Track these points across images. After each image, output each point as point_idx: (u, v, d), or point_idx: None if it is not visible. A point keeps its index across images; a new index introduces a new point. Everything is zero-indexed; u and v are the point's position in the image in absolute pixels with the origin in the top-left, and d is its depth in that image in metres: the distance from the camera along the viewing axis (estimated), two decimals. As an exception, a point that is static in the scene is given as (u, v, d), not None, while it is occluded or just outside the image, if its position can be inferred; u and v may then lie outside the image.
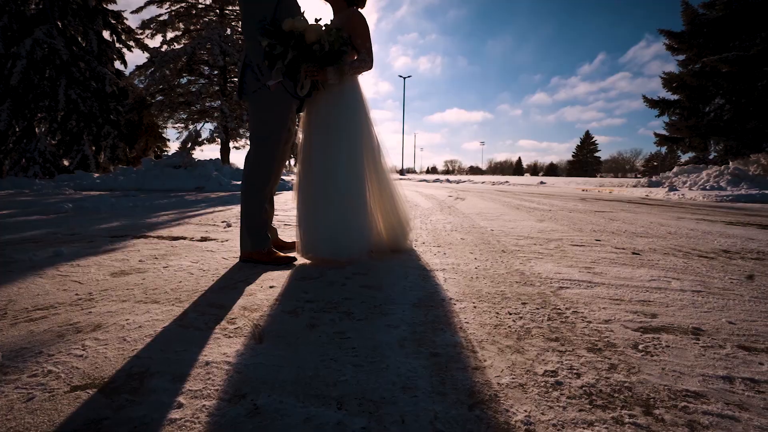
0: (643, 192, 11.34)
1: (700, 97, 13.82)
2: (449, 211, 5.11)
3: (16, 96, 11.83)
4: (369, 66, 2.19)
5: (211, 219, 4.01)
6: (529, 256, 2.36)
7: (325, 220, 2.11)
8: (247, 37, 1.98)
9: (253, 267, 2.04)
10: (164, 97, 12.55)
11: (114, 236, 2.91)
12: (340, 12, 2.27)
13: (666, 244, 2.88)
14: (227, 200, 6.61)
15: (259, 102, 2.07)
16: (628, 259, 2.30)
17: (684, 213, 5.36)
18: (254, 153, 2.11)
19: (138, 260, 2.14)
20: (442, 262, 2.16)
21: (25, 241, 2.69)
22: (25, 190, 8.20)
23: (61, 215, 4.15)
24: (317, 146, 2.15)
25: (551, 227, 3.64)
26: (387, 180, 2.35)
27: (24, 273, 1.86)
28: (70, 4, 13.29)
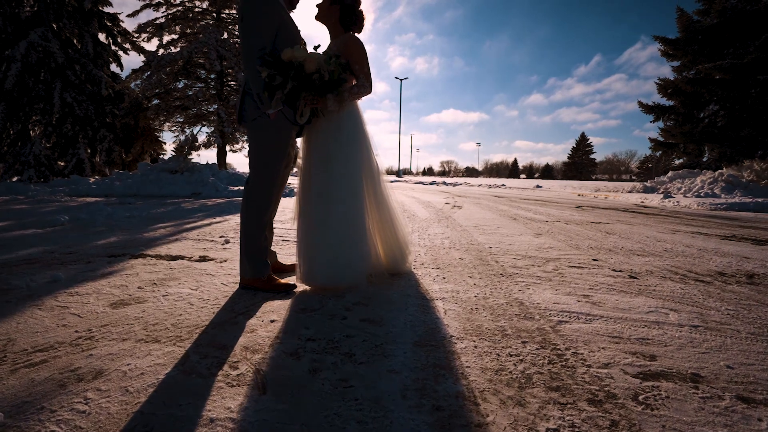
0: (639, 198, 11.42)
1: (695, 104, 13.95)
2: (447, 222, 5.12)
3: (10, 99, 11.73)
4: (368, 91, 2.20)
5: (209, 233, 3.99)
6: (527, 280, 2.37)
7: (326, 247, 2.11)
8: (247, 64, 1.98)
9: (253, 295, 2.04)
10: (160, 101, 12.49)
11: (112, 255, 2.89)
12: (336, 37, 2.27)
13: (662, 264, 2.91)
14: (224, 208, 6.60)
15: (259, 129, 2.07)
16: (626, 285, 2.31)
17: (679, 225, 5.41)
18: (254, 180, 2.11)
19: (137, 287, 2.13)
20: (442, 289, 2.17)
21: (21, 262, 2.67)
22: (20, 196, 8.13)
23: (57, 228, 4.12)
24: (317, 172, 2.15)
25: (549, 244, 3.66)
26: (387, 204, 2.36)
27: (22, 303, 1.85)
28: (65, 7, 13.19)
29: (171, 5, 12.80)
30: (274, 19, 1.97)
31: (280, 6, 2.03)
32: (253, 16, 1.94)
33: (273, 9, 1.97)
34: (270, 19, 1.96)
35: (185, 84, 12.60)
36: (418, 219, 5.39)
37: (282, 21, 2.01)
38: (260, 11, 1.95)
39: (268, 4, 1.97)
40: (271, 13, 1.96)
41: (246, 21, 1.95)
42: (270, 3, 1.97)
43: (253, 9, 1.95)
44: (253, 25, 1.94)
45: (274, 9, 1.98)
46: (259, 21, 1.94)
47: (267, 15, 1.95)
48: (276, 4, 2.00)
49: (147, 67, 12.44)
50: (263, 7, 1.95)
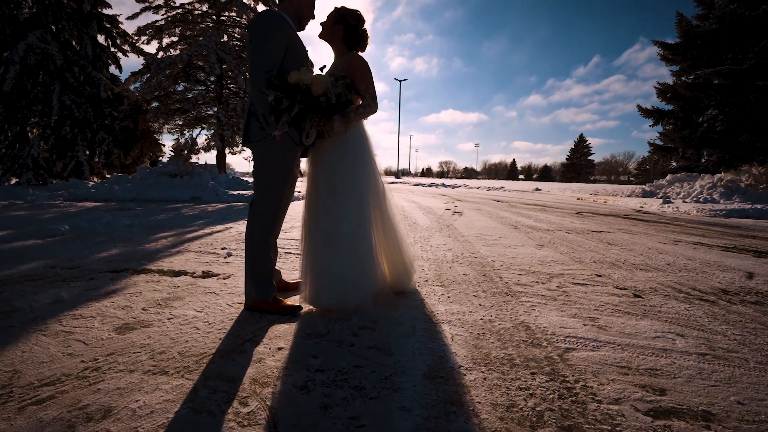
0: (638, 203, 11.45)
1: (694, 108, 14.00)
2: (448, 231, 5.12)
3: (8, 102, 11.67)
4: (374, 111, 2.20)
5: (211, 244, 3.98)
6: (532, 300, 2.37)
7: (332, 268, 2.10)
8: (253, 85, 1.97)
9: (258, 318, 2.03)
10: (160, 103, 12.46)
11: (114, 270, 2.88)
12: (341, 55, 2.27)
13: (666, 280, 2.91)
14: (225, 215, 6.58)
15: (264, 150, 2.06)
16: (631, 305, 2.32)
17: (680, 234, 5.42)
18: (259, 201, 2.10)
19: (141, 308, 2.12)
20: (447, 311, 2.17)
21: (23, 278, 2.65)
22: (19, 201, 8.09)
23: (57, 239, 4.10)
24: (323, 192, 2.15)
25: (551, 257, 3.66)
26: (392, 224, 2.35)
27: (26, 328, 1.84)
28: (64, 8, 13.14)
29: (171, 8, 12.76)
30: (282, 41, 1.97)
31: (289, 27, 2.02)
32: (262, 37, 1.94)
33: (282, 30, 1.97)
34: (279, 40, 1.95)
35: (185, 87, 12.57)
36: (420, 228, 5.39)
37: (290, 42, 2.00)
38: (269, 33, 1.94)
39: (278, 25, 1.96)
40: (280, 35, 1.96)
41: (255, 42, 1.95)
42: (279, 24, 1.97)
43: (262, 30, 1.95)
44: (262, 47, 1.94)
45: (283, 30, 1.97)
46: (268, 43, 1.93)
47: (276, 36, 1.95)
48: (285, 26, 2.00)
49: (146, 70, 12.40)
50: (273, 29, 1.95)
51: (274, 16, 1.99)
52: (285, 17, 2.03)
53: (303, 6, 2.11)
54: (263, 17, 1.99)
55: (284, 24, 1.99)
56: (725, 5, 13.31)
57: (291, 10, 2.09)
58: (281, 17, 2.01)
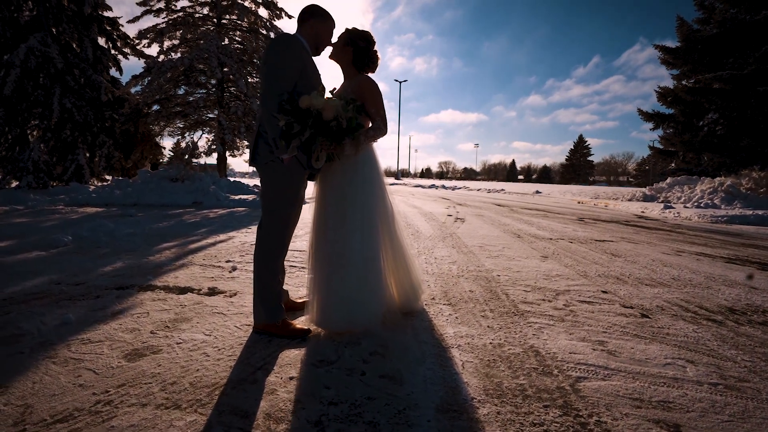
0: (639, 208, 11.46)
1: (695, 113, 14.02)
2: (452, 241, 5.12)
3: (9, 105, 11.64)
4: (384, 133, 2.19)
5: (215, 256, 3.97)
6: (540, 321, 2.37)
7: (340, 290, 2.10)
8: (264, 107, 1.96)
9: (267, 342, 2.02)
10: (160, 107, 12.44)
11: (120, 287, 2.87)
12: (350, 77, 2.26)
13: (672, 297, 2.91)
14: (227, 222, 6.57)
15: (272, 173, 2.06)
16: (639, 327, 2.32)
17: (683, 243, 5.42)
18: (267, 224, 2.10)
19: (149, 331, 2.12)
20: (456, 333, 2.17)
21: (29, 296, 2.64)
22: (19, 206, 8.07)
23: (61, 250, 4.09)
24: (332, 215, 2.14)
25: (556, 270, 3.66)
26: (401, 245, 2.35)
27: (35, 354, 1.83)
28: (64, 11, 13.10)
29: (172, 11, 12.74)
30: (297, 66, 1.97)
31: (305, 52, 2.03)
32: (277, 61, 1.94)
33: (298, 56, 1.98)
34: (293, 65, 1.96)
35: (186, 90, 12.55)
36: (423, 237, 5.38)
37: (304, 67, 2.01)
38: (285, 58, 1.94)
39: (294, 50, 1.97)
40: (295, 60, 1.96)
41: (269, 65, 1.95)
42: (295, 49, 1.97)
43: (277, 54, 1.95)
44: (276, 71, 1.94)
45: (298, 56, 1.98)
46: (283, 67, 1.93)
47: (291, 62, 1.95)
48: (301, 50, 2.00)
49: (147, 73, 12.38)
50: (288, 54, 1.95)
51: (290, 41, 1.99)
52: (302, 42, 2.04)
53: (321, 33, 2.12)
54: (280, 42, 2.00)
55: (300, 49, 2.00)
56: (726, 9, 13.34)
57: (309, 35, 2.10)
58: (298, 42, 2.01)
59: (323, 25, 2.12)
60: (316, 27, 2.10)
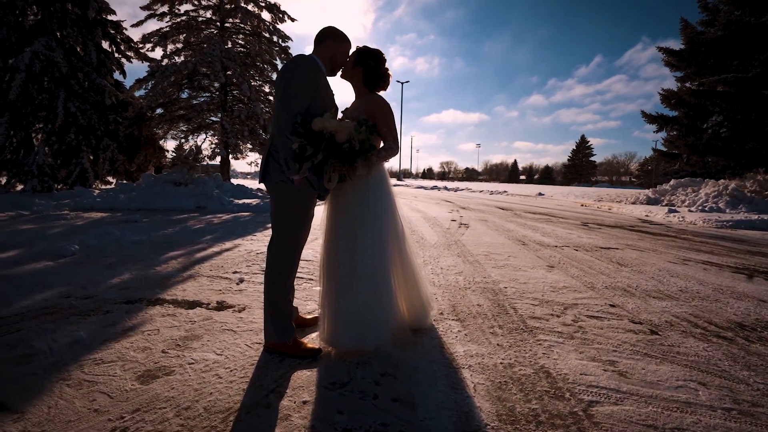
0: (643, 211, 11.43)
1: (699, 115, 13.96)
2: (457, 249, 5.12)
3: (14, 109, 11.69)
4: (395, 153, 2.20)
5: (222, 266, 3.98)
6: (549, 339, 2.37)
7: (351, 310, 2.11)
8: (277, 127, 1.97)
9: (279, 361, 2.03)
10: (164, 110, 12.48)
11: (128, 301, 2.88)
12: (361, 96, 2.27)
13: (681, 311, 2.91)
14: (232, 228, 6.58)
15: (283, 192, 2.06)
16: (649, 345, 2.31)
17: (689, 251, 5.40)
18: (278, 244, 2.10)
19: (161, 350, 2.12)
20: (466, 352, 2.17)
21: (40, 311, 2.66)
22: (25, 211, 8.10)
23: (68, 260, 4.11)
24: (343, 234, 2.15)
25: (562, 281, 3.65)
26: (410, 262, 2.36)
27: (49, 376, 1.84)
28: (68, 15, 13.16)
29: (175, 15, 12.78)
30: (312, 88, 1.98)
31: (320, 73, 2.04)
32: (292, 83, 1.95)
33: (314, 77, 1.99)
34: (308, 87, 1.97)
35: (189, 94, 12.59)
36: (428, 245, 5.38)
37: (319, 88, 2.02)
38: (300, 79, 1.95)
39: (309, 72, 1.98)
40: (310, 82, 1.97)
41: (284, 86, 1.95)
42: (311, 71, 1.99)
43: (293, 76, 1.96)
44: (291, 92, 1.94)
45: (314, 77, 1.99)
46: (297, 89, 1.94)
47: (306, 83, 1.96)
48: (317, 71, 2.02)
49: (151, 77, 12.42)
50: (304, 76, 1.96)
51: (306, 63, 2.00)
52: (318, 63, 2.05)
53: (338, 54, 2.13)
54: (296, 63, 2.00)
55: (316, 71, 2.01)
56: (730, 11, 13.28)
57: (325, 56, 2.11)
58: (314, 63, 2.02)
59: (339, 47, 2.12)
60: (332, 48, 2.11)
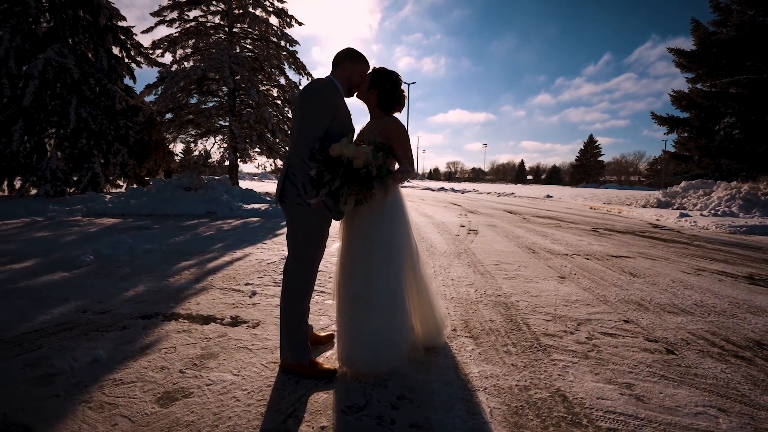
0: (653, 215, 11.30)
1: (710, 117, 13.76)
2: (467, 257, 5.11)
3: (28, 116, 11.90)
4: (411, 175, 2.20)
5: (234, 277, 4.02)
6: (564, 358, 2.36)
7: (366, 331, 2.11)
8: (295, 149, 1.98)
9: (295, 383, 2.04)
10: (173, 115, 12.61)
11: (145, 316, 2.92)
12: (376, 117, 2.28)
13: (696, 328, 2.87)
14: (242, 235, 6.63)
15: (300, 215, 2.08)
16: (666, 366, 2.29)
17: (702, 259, 5.34)
18: (294, 266, 2.11)
19: (179, 370, 2.15)
20: (481, 373, 2.17)
21: (58, 327, 2.70)
22: (39, 218, 8.24)
23: (83, 271, 4.17)
24: (358, 258, 2.15)
25: (575, 294, 3.63)
26: (425, 283, 2.36)
27: (71, 398, 1.87)
28: (80, 22, 13.36)
29: (184, 21, 12.91)
30: (330, 110, 1.99)
31: (339, 95, 2.05)
32: (311, 106, 1.96)
33: (332, 100, 2.00)
34: (327, 110, 1.98)
35: (198, 99, 12.71)
36: (438, 253, 5.38)
37: (337, 110, 2.03)
38: (318, 103, 1.96)
39: (328, 95, 1.99)
40: (328, 105, 1.98)
41: (303, 109, 1.97)
42: (330, 94, 2.00)
43: (312, 99, 1.97)
44: (309, 117, 1.95)
45: (333, 100, 2.00)
46: (316, 112, 1.95)
47: (324, 107, 1.97)
48: (335, 94, 2.03)
49: (161, 82, 12.56)
50: (322, 100, 1.97)
51: (325, 87, 2.01)
52: (336, 85, 2.06)
53: (354, 75, 2.14)
54: (316, 87, 2.01)
55: (334, 93, 2.02)
56: (743, 11, 13.08)
57: (343, 78, 2.12)
58: (333, 86, 2.04)
59: (357, 68, 2.14)
60: (349, 69, 2.12)
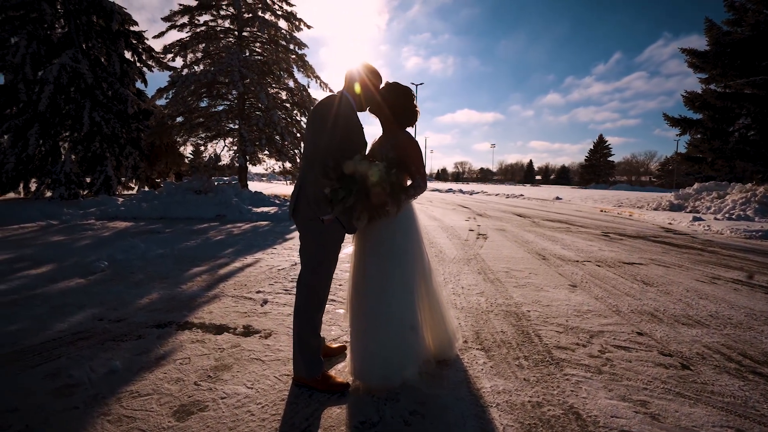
0: (665, 218, 11.14)
1: (725, 118, 13.52)
2: (476, 264, 5.09)
3: (43, 120, 12.14)
4: (423, 190, 2.21)
5: (245, 285, 4.05)
6: (577, 373, 2.34)
7: (379, 345, 2.12)
8: (309, 166, 2.00)
9: (309, 398, 2.06)
10: (184, 119, 12.76)
11: (159, 325, 2.96)
12: (390, 132, 2.28)
13: (712, 341, 2.83)
14: (252, 240, 6.69)
15: (313, 230, 2.09)
16: (681, 382, 2.26)
17: (717, 266, 5.25)
18: (307, 280, 2.13)
19: (193, 382, 2.18)
20: (493, 388, 2.16)
21: (76, 336, 2.76)
22: (54, 221, 8.40)
23: (98, 277, 4.24)
24: (371, 270, 2.16)
25: (586, 304, 3.60)
26: (437, 297, 2.36)
27: (90, 410, 1.91)
28: (93, 27, 13.60)
29: (195, 25, 13.06)
30: (343, 127, 2.01)
31: (351, 110, 2.07)
32: (324, 123, 1.98)
33: (345, 116, 2.02)
34: (340, 127, 1.99)
35: (208, 103, 12.85)
36: (447, 259, 5.37)
37: (350, 125, 2.04)
38: (332, 121, 1.98)
39: (340, 111, 2.00)
40: (342, 121, 2.00)
41: (317, 125, 1.99)
42: (343, 110, 2.02)
43: (325, 118, 1.99)
44: (324, 135, 1.97)
45: (346, 115, 2.02)
46: (332, 132, 1.97)
47: (337, 122, 1.99)
48: (348, 109, 2.05)
49: (171, 86, 12.72)
50: (336, 116, 1.99)
51: (337, 104, 2.03)
52: (349, 100, 2.08)
53: (366, 90, 2.16)
54: (329, 103, 2.03)
55: (348, 109, 2.04)
56: (759, 11, 12.82)
57: (355, 93, 2.14)
58: (346, 102, 2.05)
59: (370, 83, 2.15)
60: (362, 84, 2.13)
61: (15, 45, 12.15)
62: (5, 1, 11.90)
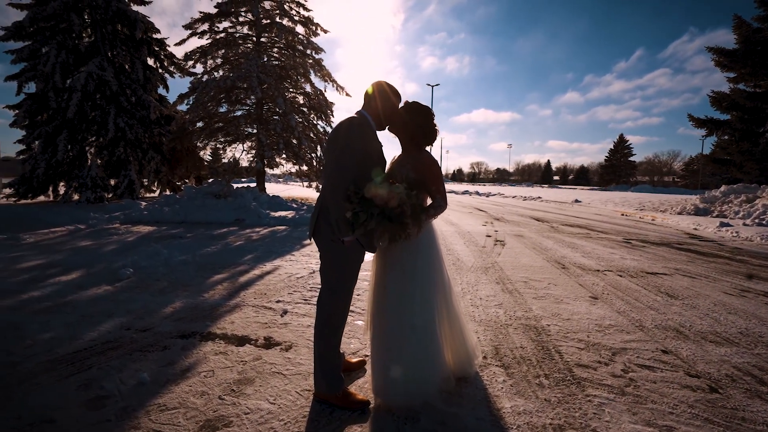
0: (690, 223, 10.79)
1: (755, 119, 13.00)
2: (494, 273, 5.05)
3: (71, 126, 12.61)
4: (443, 209, 2.22)
5: (265, 294, 4.13)
6: (599, 394, 2.30)
7: (399, 363, 2.14)
8: (328, 187, 2.02)
9: (330, 414, 2.09)
10: (204, 124, 13.06)
11: (183, 336, 3.05)
12: (408, 152, 2.29)
13: (742, 362, 2.74)
14: (270, 246, 6.80)
15: (333, 250, 2.12)
16: (709, 406, 2.20)
17: (744, 279, 5.06)
18: (328, 300, 2.16)
19: (218, 396, 2.24)
20: (513, 409, 2.15)
21: (105, 345, 2.86)
22: (81, 225, 8.72)
23: (124, 284, 4.39)
24: (392, 288, 2.18)
25: (608, 318, 3.53)
26: (456, 314, 2.37)
27: (121, 423, 1.98)
28: (118, 35, 14.05)
29: (215, 32, 13.35)
30: (363, 148, 2.02)
31: (371, 130, 2.09)
32: (344, 144, 1.99)
33: (365, 136, 2.04)
34: (360, 148, 2.01)
35: (228, 108, 13.11)
36: (465, 267, 5.34)
37: (370, 145, 2.06)
38: (352, 143, 1.99)
39: (360, 133, 2.02)
40: (362, 142, 2.02)
41: (338, 150, 2.00)
42: (362, 130, 2.04)
43: (346, 139, 2.00)
44: (344, 158, 1.98)
45: (366, 136, 2.04)
46: (354, 153, 1.99)
47: (357, 144, 2.00)
48: (368, 129, 2.07)
49: (192, 92, 13.02)
50: (356, 138, 2.01)
51: (357, 125, 2.04)
52: (368, 120, 2.11)
53: (386, 109, 2.18)
54: (349, 125, 2.05)
55: (367, 128, 2.06)
56: (790, 7, 12.28)
57: (375, 112, 2.16)
58: (366, 123, 2.08)
59: (389, 102, 2.17)
60: (382, 104, 2.15)
61: (46, 54, 12.67)
62: (37, 13, 12.42)
